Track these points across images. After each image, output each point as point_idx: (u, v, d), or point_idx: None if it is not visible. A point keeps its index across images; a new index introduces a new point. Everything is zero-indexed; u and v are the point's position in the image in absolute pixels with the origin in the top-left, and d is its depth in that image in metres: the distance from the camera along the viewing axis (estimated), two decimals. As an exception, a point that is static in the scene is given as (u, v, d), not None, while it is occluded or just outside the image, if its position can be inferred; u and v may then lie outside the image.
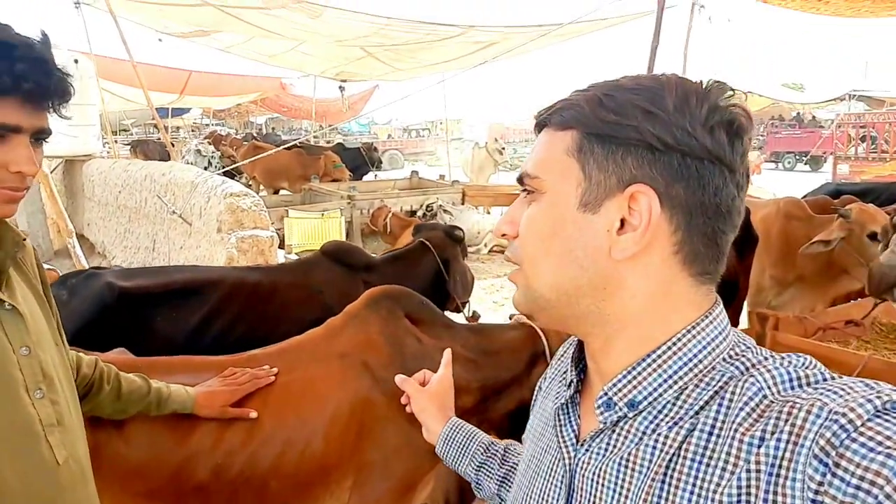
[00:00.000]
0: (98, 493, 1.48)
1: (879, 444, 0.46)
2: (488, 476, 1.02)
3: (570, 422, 0.69)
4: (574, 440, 0.68)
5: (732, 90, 0.60)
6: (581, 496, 0.64)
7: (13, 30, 0.92)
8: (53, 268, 4.52)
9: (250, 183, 9.73)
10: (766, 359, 0.58)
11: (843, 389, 0.51)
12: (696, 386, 0.59)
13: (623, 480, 0.60)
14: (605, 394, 0.62)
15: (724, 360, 0.59)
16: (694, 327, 0.60)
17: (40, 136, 0.98)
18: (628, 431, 0.61)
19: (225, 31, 8.80)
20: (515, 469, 0.99)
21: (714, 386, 0.58)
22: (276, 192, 9.79)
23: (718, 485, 0.53)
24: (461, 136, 23.49)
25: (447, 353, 1.25)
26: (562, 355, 0.82)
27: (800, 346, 2.81)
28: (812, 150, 19.58)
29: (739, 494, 0.51)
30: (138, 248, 6.72)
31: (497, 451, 1.04)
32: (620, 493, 0.60)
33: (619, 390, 0.62)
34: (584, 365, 0.71)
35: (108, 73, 9.24)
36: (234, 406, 1.55)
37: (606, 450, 0.63)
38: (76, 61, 7.27)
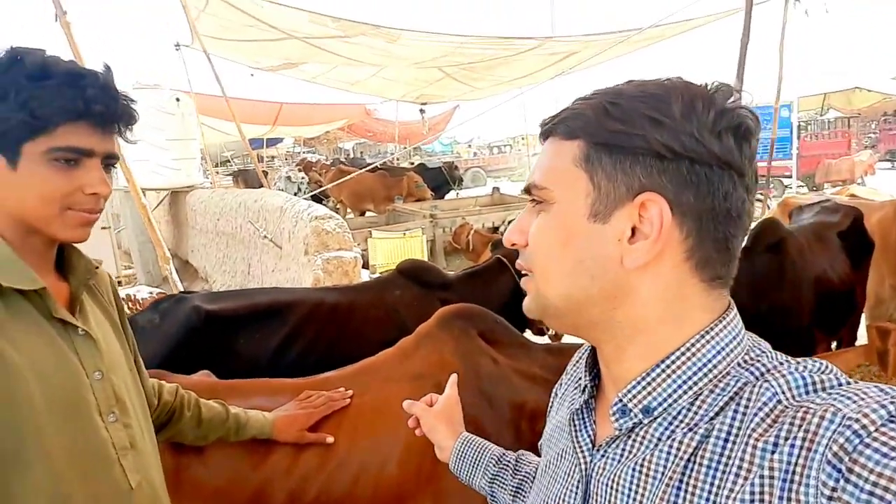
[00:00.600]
0: (182, 514, 1.52)
1: (893, 449, 0.45)
2: (502, 488, 1.02)
3: (584, 427, 0.69)
4: (590, 445, 0.68)
5: (738, 92, 0.60)
6: (596, 501, 0.64)
7: (78, 64, 0.96)
8: (163, 291, 4.82)
9: (338, 207, 10.05)
10: (781, 364, 0.58)
11: (856, 395, 0.51)
12: (711, 392, 0.59)
13: (638, 486, 0.60)
14: (620, 400, 0.62)
15: (738, 365, 0.59)
16: (707, 332, 0.60)
17: (110, 160, 1.01)
18: (643, 437, 0.61)
19: (310, 62, 9.20)
20: (528, 479, 1.00)
21: (729, 392, 0.58)
22: (363, 214, 10.05)
23: (732, 490, 0.53)
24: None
25: (453, 377, 1.28)
26: (577, 362, 0.82)
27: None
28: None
29: (753, 500, 0.51)
30: (235, 273, 7.07)
31: (509, 461, 1.05)
32: (635, 499, 0.60)
33: (634, 397, 0.62)
34: (598, 371, 0.71)
35: (207, 110, 9.88)
36: (310, 428, 1.54)
37: (622, 455, 0.63)
38: (178, 100, 7.82)
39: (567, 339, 3.73)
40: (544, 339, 2.91)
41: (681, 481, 0.57)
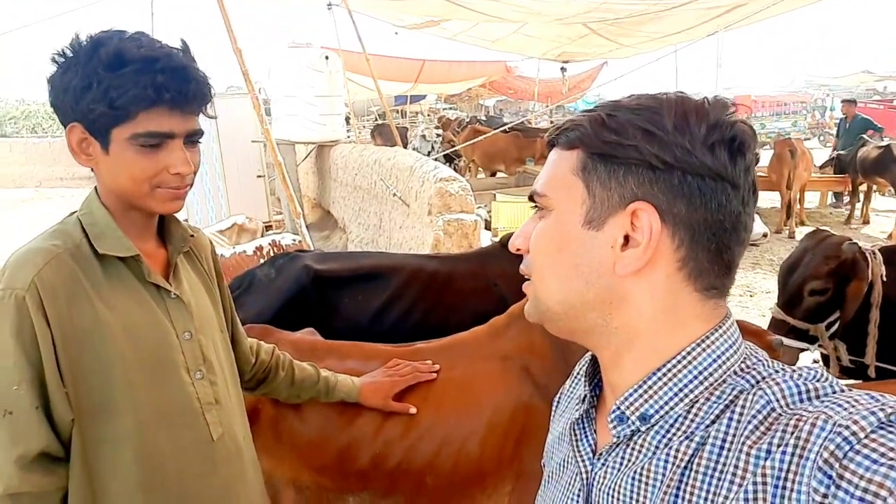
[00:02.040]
0: (279, 460, 1.65)
1: (882, 455, 0.46)
2: None
3: (585, 436, 0.70)
4: (591, 454, 0.69)
5: (734, 105, 0.62)
6: None
7: (157, 42, 1.01)
8: (298, 239, 5.17)
9: (470, 166, 10.09)
10: (776, 371, 0.59)
11: (848, 402, 0.52)
12: (707, 399, 0.60)
13: (637, 494, 0.61)
14: (618, 408, 0.63)
15: (735, 373, 0.60)
16: (704, 341, 0.61)
17: (193, 137, 1.07)
18: (642, 445, 0.62)
19: (452, 19, 9.16)
20: None
21: (725, 399, 0.59)
22: (493, 175, 10.01)
23: (727, 497, 0.54)
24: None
25: None
26: (578, 372, 0.83)
27: None
28: None
29: None
30: (368, 226, 7.42)
31: None
32: None
33: (631, 404, 0.63)
34: (599, 380, 0.73)
35: (355, 67, 10.26)
36: (396, 397, 1.59)
37: (622, 464, 0.63)
38: (326, 58, 8.18)
39: None
40: None
41: (678, 488, 0.58)
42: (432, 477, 1.59)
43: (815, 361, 2.48)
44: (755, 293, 6.06)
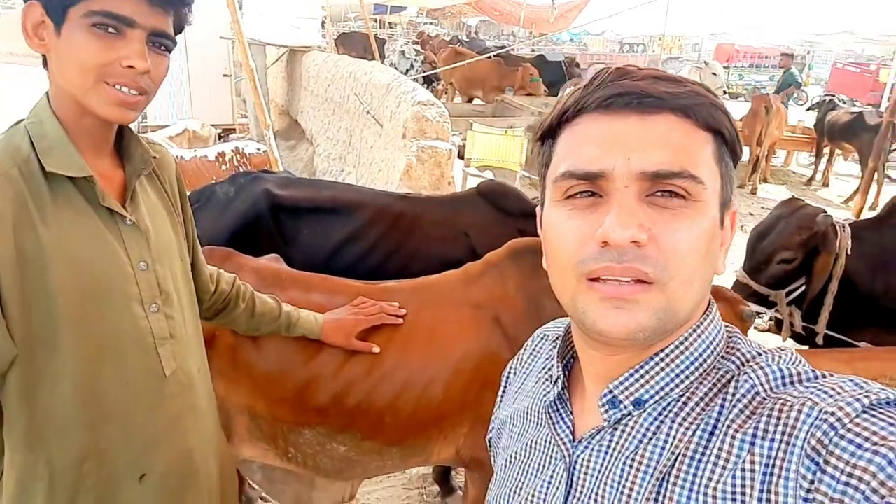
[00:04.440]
0: (235, 386, 1.61)
1: (866, 440, 0.47)
2: None
3: (562, 419, 0.67)
4: (570, 437, 0.66)
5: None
6: (582, 493, 0.62)
7: None
8: (268, 151, 4.96)
9: (447, 89, 9.78)
10: (759, 354, 0.59)
11: (833, 389, 0.52)
12: (701, 384, 0.59)
13: (627, 480, 0.59)
14: (611, 391, 0.61)
15: (722, 356, 0.60)
16: (698, 326, 0.60)
17: (160, 38, 0.94)
18: (632, 429, 0.60)
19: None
20: None
21: (717, 384, 0.59)
22: (471, 100, 9.74)
23: (710, 479, 0.54)
24: (679, 56, 21.27)
25: None
26: (534, 350, 0.81)
27: None
28: None
29: (734, 492, 0.52)
30: (338, 141, 7.19)
31: None
32: (623, 492, 0.58)
33: (626, 388, 0.61)
34: (570, 359, 0.70)
35: (333, -33, 9.65)
36: (361, 337, 1.55)
37: (609, 448, 0.61)
38: (305, -46, 7.62)
39: None
40: None
41: (669, 474, 0.57)
42: (392, 417, 1.58)
43: (770, 320, 2.55)
44: (714, 246, 6.19)
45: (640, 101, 0.55)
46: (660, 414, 0.59)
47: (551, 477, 0.66)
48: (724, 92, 11.30)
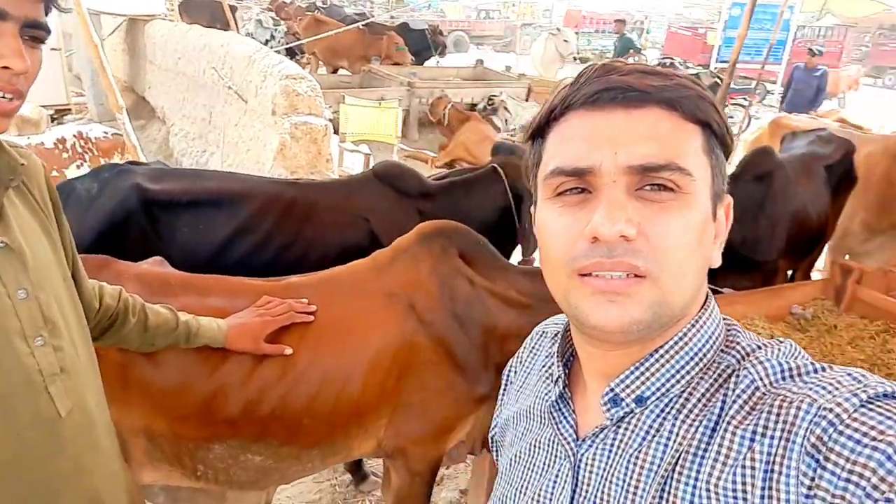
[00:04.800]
0: (127, 408, 1.44)
1: (864, 435, 0.47)
2: None
3: (565, 418, 0.67)
4: (574, 436, 0.65)
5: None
6: (587, 491, 0.62)
7: None
8: (119, 133, 4.45)
9: (309, 58, 9.37)
10: (759, 347, 0.59)
11: (830, 384, 0.52)
12: (702, 379, 0.59)
13: (632, 478, 0.59)
14: (612, 390, 0.61)
15: (722, 350, 0.60)
16: (697, 321, 0.60)
17: (34, 30, 0.79)
18: (635, 426, 0.60)
19: None
20: None
21: (718, 378, 0.58)
22: (335, 71, 9.42)
23: (712, 476, 0.54)
24: (533, 22, 21.97)
25: None
26: (533, 348, 0.80)
27: (882, 304, 2.57)
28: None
29: (735, 489, 0.52)
30: (195, 119, 6.66)
31: None
32: (628, 490, 0.58)
33: (627, 386, 0.60)
34: (569, 357, 0.70)
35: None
36: (270, 339, 1.45)
37: (613, 446, 0.61)
38: None
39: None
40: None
41: (672, 471, 0.56)
42: (310, 419, 1.50)
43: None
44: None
45: (625, 95, 0.55)
46: (662, 410, 0.59)
47: (557, 476, 0.66)
48: (575, 58, 11.87)
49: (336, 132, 5.37)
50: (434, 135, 8.08)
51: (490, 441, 0.86)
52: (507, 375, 0.84)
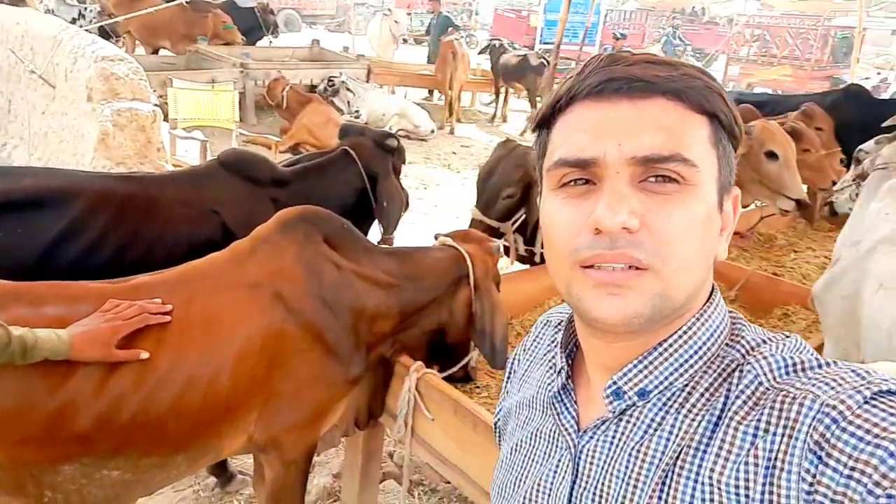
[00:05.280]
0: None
1: (867, 432, 0.47)
2: None
3: (567, 409, 0.67)
4: (575, 427, 0.65)
5: None
6: (587, 482, 0.62)
7: None
8: None
9: (124, 36, 8.49)
10: (764, 342, 0.59)
11: (834, 380, 0.52)
12: (705, 373, 0.59)
13: (633, 471, 0.59)
14: (615, 383, 0.61)
15: (726, 344, 0.60)
16: (701, 315, 0.60)
17: None
18: (637, 419, 0.60)
19: None
20: None
21: (721, 372, 0.58)
22: (156, 52, 8.64)
23: (713, 470, 0.54)
24: (365, 1, 21.74)
25: None
26: (536, 337, 0.79)
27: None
28: (711, 47, 20.05)
29: (737, 485, 0.52)
30: (-11, 108, 5.78)
31: None
32: (628, 483, 0.58)
33: (630, 379, 0.60)
34: (573, 348, 0.70)
35: None
36: (122, 345, 1.34)
37: (614, 438, 0.61)
38: None
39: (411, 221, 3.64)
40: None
41: (674, 465, 0.56)
42: (176, 422, 1.42)
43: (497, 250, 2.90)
44: (429, 185, 6.70)
45: (630, 86, 0.55)
46: (664, 404, 0.59)
47: (557, 466, 0.66)
48: (405, 41, 12.00)
49: (166, 118, 4.97)
50: (274, 118, 7.77)
51: (493, 428, 0.85)
52: (511, 364, 0.84)
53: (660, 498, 0.56)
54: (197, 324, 1.45)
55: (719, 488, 0.52)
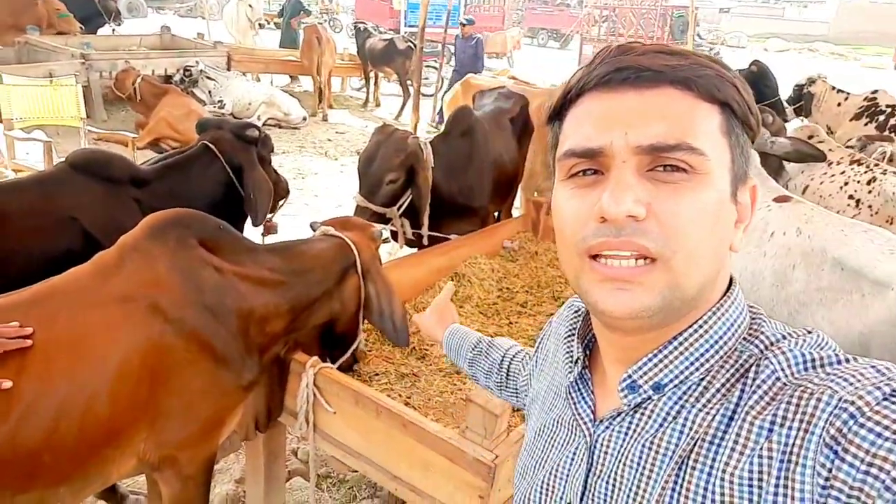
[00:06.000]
0: None
1: (886, 428, 0.46)
2: (478, 369, 1.11)
3: (583, 399, 0.67)
4: (591, 416, 0.66)
5: None
6: (602, 471, 0.63)
7: None
8: None
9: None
10: (784, 337, 0.59)
11: (853, 376, 0.51)
12: (721, 367, 0.58)
13: (646, 462, 0.59)
14: (629, 376, 0.61)
15: (744, 339, 0.60)
16: (719, 308, 0.60)
17: None
18: (651, 412, 0.60)
19: None
20: (497, 364, 1.07)
21: (738, 367, 0.58)
22: (-24, 44, 7.66)
23: (727, 464, 0.53)
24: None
25: (449, 286, 1.36)
26: (561, 315, 0.80)
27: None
28: (566, 28, 21.09)
29: (751, 478, 0.52)
30: None
31: (482, 347, 1.12)
32: (643, 474, 0.59)
33: (645, 373, 0.60)
34: (590, 339, 0.70)
35: None
36: (-24, 377, 1.21)
37: (629, 430, 0.61)
38: None
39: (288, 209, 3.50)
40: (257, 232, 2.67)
41: (688, 458, 0.56)
42: (51, 455, 1.30)
43: (385, 239, 2.91)
44: (306, 175, 6.53)
45: (637, 75, 0.55)
46: (679, 398, 0.59)
47: (574, 453, 0.66)
48: (261, 25, 11.52)
49: (-2, 119, 4.43)
50: (126, 112, 7.18)
51: (524, 406, 0.87)
52: (539, 343, 0.84)
53: (673, 489, 0.56)
54: (63, 346, 1.33)
55: (732, 481, 0.52)
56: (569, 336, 0.72)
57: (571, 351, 0.70)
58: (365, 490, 2.45)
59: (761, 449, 0.52)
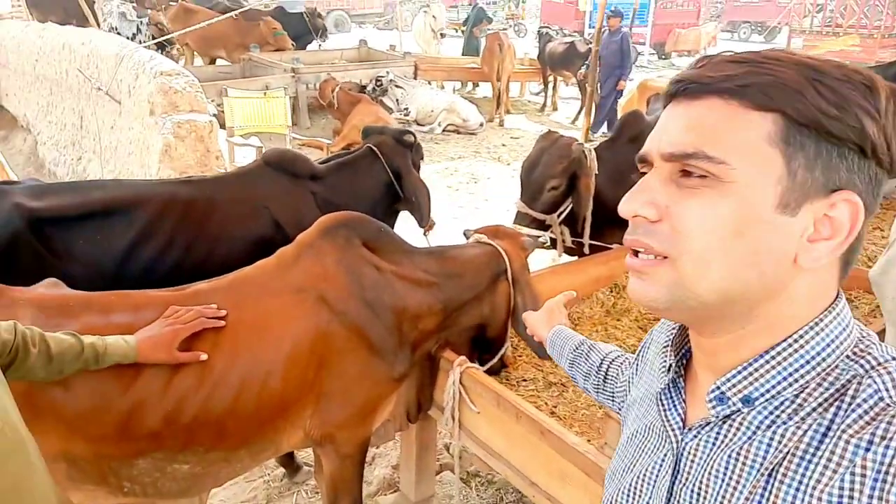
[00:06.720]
0: (41, 435, 1.41)
1: None
2: (577, 370, 1.13)
3: (674, 406, 0.68)
4: (680, 424, 0.66)
5: None
6: (687, 479, 0.63)
7: None
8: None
9: (180, 48, 8.88)
10: (892, 359, 0.56)
11: None
12: (819, 385, 0.56)
13: (733, 473, 0.58)
14: (718, 388, 0.60)
15: (847, 357, 0.57)
16: (817, 323, 0.58)
17: None
18: (741, 424, 0.59)
19: None
20: (596, 367, 1.08)
21: (836, 385, 0.56)
22: (213, 62, 9.01)
23: (818, 481, 0.52)
24: (412, -2, 21.86)
25: (570, 291, 1.38)
26: (660, 326, 0.81)
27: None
28: (772, 20, 19.15)
29: (841, 496, 0.50)
30: (64, 125, 6.18)
31: (583, 350, 1.13)
32: (728, 485, 0.58)
33: (734, 385, 0.59)
34: (687, 350, 0.70)
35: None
36: (184, 347, 1.45)
37: (717, 440, 0.61)
38: None
39: (444, 214, 3.68)
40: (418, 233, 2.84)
41: (776, 471, 0.55)
42: (234, 421, 1.53)
43: (545, 245, 2.91)
44: (479, 179, 6.72)
45: (686, 88, 0.58)
46: (771, 413, 0.58)
47: (662, 460, 0.67)
48: (443, 35, 12.02)
49: (223, 127, 5.19)
50: (326, 120, 7.97)
51: (620, 411, 0.91)
52: (640, 351, 0.86)
53: (759, 502, 0.55)
54: (248, 327, 1.55)
55: (822, 498, 0.51)
56: (666, 345, 0.72)
57: (665, 359, 0.72)
58: (512, 494, 2.49)
59: (854, 466, 0.50)
